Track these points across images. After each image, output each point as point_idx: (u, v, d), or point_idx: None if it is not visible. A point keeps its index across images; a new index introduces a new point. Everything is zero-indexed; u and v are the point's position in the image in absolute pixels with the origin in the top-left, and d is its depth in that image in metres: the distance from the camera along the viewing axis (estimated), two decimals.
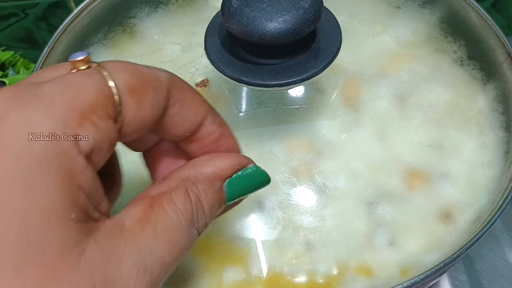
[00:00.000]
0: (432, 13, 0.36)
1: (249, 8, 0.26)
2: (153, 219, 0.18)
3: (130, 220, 0.17)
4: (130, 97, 0.17)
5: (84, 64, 0.17)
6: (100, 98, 0.16)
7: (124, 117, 0.17)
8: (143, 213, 0.18)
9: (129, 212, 0.18)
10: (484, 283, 0.41)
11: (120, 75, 0.17)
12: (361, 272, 0.27)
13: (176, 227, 0.18)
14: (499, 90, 0.32)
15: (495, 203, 0.28)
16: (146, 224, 0.17)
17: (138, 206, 0.18)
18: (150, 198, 0.18)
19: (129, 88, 0.17)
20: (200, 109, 0.20)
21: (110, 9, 0.37)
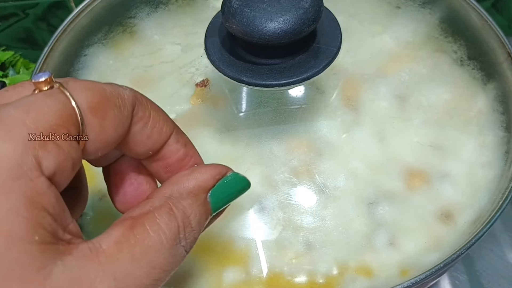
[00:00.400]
0: (432, 13, 0.36)
1: (249, 8, 0.26)
2: (132, 240, 0.17)
3: (108, 243, 0.17)
4: (92, 116, 0.17)
5: (47, 84, 0.17)
6: (62, 119, 0.16)
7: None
8: (122, 235, 0.17)
9: (108, 234, 0.17)
10: (484, 283, 0.41)
11: (81, 95, 0.17)
12: (361, 272, 0.27)
13: (156, 248, 0.18)
14: (499, 90, 0.32)
15: (495, 203, 0.28)
16: (124, 246, 0.17)
17: (118, 228, 0.18)
18: (132, 219, 0.18)
19: (90, 107, 0.17)
20: (164, 127, 0.20)
21: (110, 9, 0.37)
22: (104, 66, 0.35)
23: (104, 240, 0.17)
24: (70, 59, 0.35)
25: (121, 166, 0.22)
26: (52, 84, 0.17)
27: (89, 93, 0.17)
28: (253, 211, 0.28)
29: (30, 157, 0.15)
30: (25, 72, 0.55)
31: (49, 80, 0.17)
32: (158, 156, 0.21)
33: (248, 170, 0.29)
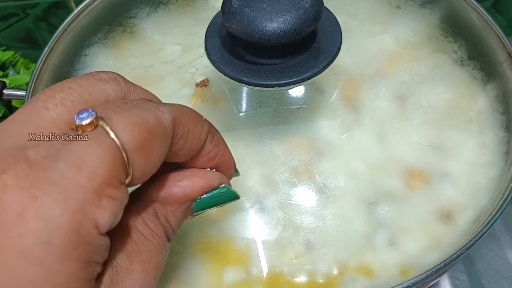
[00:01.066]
0: (432, 13, 0.36)
1: (249, 8, 0.26)
2: (137, 249, 0.18)
3: (120, 257, 0.18)
4: (139, 156, 0.17)
5: (91, 125, 0.16)
6: (114, 169, 0.16)
7: (134, 175, 0.17)
8: (129, 246, 0.18)
9: (116, 249, 0.18)
10: (484, 283, 0.41)
11: (126, 133, 0.16)
12: (361, 272, 0.27)
13: (157, 251, 0.19)
14: (500, 90, 0.32)
15: (495, 203, 0.28)
16: (134, 256, 0.18)
17: (120, 238, 0.18)
18: (126, 226, 0.19)
19: (137, 146, 0.16)
20: (201, 135, 0.20)
21: (110, 9, 0.37)
22: (104, 66, 0.35)
23: (116, 256, 0.18)
24: (70, 59, 0.35)
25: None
26: (96, 123, 0.16)
27: (134, 130, 0.16)
28: (253, 211, 0.28)
29: (88, 222, 0.15)
30: (25, 72, 0.55)
31: (94, 122, 0.16)
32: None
33: (248, 170, 0.29)
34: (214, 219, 0.28)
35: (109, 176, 0.16)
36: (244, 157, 0.29)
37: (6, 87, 0.36)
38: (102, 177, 0.15)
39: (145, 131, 0.17)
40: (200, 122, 0.20)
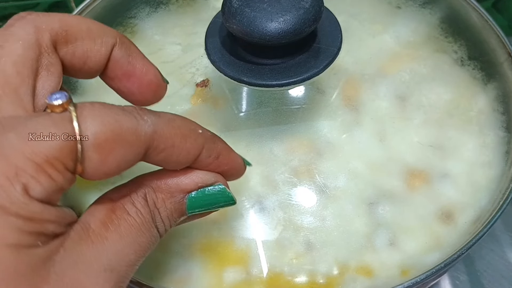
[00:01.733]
0: (432, 13, 0.36)
1: (250, 8, 0.26)
2: (116, 221, 0.18)
3: (95, 223, 0.18)
4: (95, 153, 0.17)
5: (60, 107, 0.17)
6: (62, 153, 0.16)
7: (85, 169, 0.17)
8: (106, 215, 0.18)
9: (93, 214, 0.19)
10: (484, 283, 0.41)
11: (92, 127, 0.17)
12: (362, 272, 0.27)
13: (138, 228, 0.19)
14: (500, 90, 0.32)
15: (495, 203, 0.28)
16: (110, 226, 0.18)
17: (100, 209, 0.19)
18: (111, 201, 0.19)
19: (96, 143, 0.17)
20: (191, 151, 0.20)
21: (111, 9, 0.37)
22: None
23: (91, 220, 0.18)
24: None
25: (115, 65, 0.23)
26: (66, 107, 0.17)
27: (100, 127, 0.17)
28: (253, 211, 0.28)
29: (19, 185, 0.15)
30: None
31: (64, 105, 0.17)
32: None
33: (248, 170, 0.29)
34: (214, 219, 0.28)
35: (54, 157, 0.16)
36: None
37: None
38: (46, 155, 0.16)
39: (112, 132, 0.17)
40: (192, 137, 0.20)
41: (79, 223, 0.18)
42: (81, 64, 0.22)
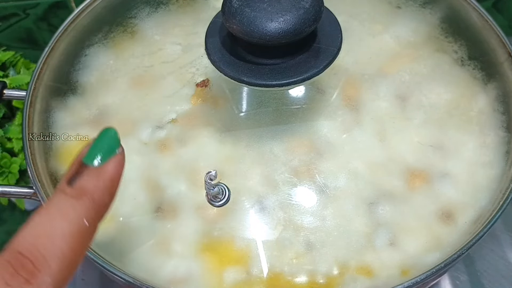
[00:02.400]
0: (432, 13, 0.36)
1: (250, 8, 0.26)
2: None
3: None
4: None
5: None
6: None
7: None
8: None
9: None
10: (485, 283, 0.41)
11: None
12: (362, 272, 0.27)
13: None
14: (500, 90, 0.32)
15: (495, 203, 0.28)
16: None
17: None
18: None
19: None
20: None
21: (111, 9, 0.37)
22: (104, 66, 0.35)
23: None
24: (70, 59, 0.35)
25: None
26: None
27: None
28: (253, 211, 0.28)
29: None
30: (26, 72, 0.55)
31: None
32: None
33: (248, 170, 0.29)
34: (214, 219, 0.28)
35: None
36: (244, 157, 0.29)
37: (7, 87, 0.36)
38: None
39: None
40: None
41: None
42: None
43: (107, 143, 0.20)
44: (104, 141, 0.20)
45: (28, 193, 0.32)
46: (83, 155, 0.19)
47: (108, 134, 0.20)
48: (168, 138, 0.31)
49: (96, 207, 0.19)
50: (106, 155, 0.20)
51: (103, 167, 0.19)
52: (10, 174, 0.54)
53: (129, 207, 0.29)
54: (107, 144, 0.20)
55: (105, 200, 0.19)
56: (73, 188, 0.18)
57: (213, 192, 0.27)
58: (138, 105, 0.33)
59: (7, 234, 0.67)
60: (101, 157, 0.19)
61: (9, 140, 0.54)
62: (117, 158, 0.20)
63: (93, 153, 0.19)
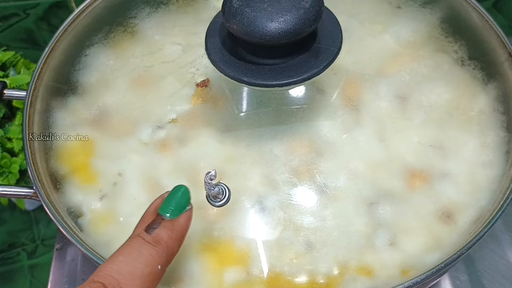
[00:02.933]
0: (433, 13, 0.36)
1: (250, 8, 0.26)
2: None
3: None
4: None
5: None
6: None
7: None
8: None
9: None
10: (485, 283, 0.41)
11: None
12: (362, 272, 0.27)
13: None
14: (500, 90, 0.32)
15: (496, 203, 0.28)
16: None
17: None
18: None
19: None
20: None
21: (111, 10, 0.37)
22: (104, 66, 0.35)
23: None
24: (71, 59, 0.35)
25: None
26: None
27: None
28: (253, 211, 0.28)
29: None
30: (26, 72, 0.55)
31: None
32: None
33: (248, 170, 0.29)
34: (214, 219, 0.28)
35: None
36: (244, 157, 0.29)
37: (7, 87, 0.36)
38: None
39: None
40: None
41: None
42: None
43: (181, 198, 0.23)
44: (178, 196, 0.23)
45: (29, 193, 0.32)
46: (157, 206, 0.23)
47: (181, 190, 0.23)
48: (168, 138, 0.31)
49: (168, 254, 0.22)
50: (179, 210, 0.23)
51: (177, 220, 0.23)
52: (11, 174, 0.54)
53: (129, 207, 0.29)
54: (180, 199, 0.23)
55: (175, 248, 0.23)
56: (151, 236, 0.22)
57: (213, 192, 0.27)
58: (138, 105, 0.33)
59: (8, 234, 0.67)
60: (175, 211, 0.23)
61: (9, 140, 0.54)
62: (188, 213, 0.23)
63: (168, 206, 0.23)
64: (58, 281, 0.43)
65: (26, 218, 0.68)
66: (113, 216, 0.29)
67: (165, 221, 0.22)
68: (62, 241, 0.45)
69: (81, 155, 0.32)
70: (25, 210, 0.66)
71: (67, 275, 0.43)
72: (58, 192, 0.30)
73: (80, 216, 0.30)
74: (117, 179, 0.30)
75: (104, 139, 0.32)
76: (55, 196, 0.30)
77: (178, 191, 0.23)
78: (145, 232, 0.22)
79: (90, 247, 0.28)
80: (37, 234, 0.68)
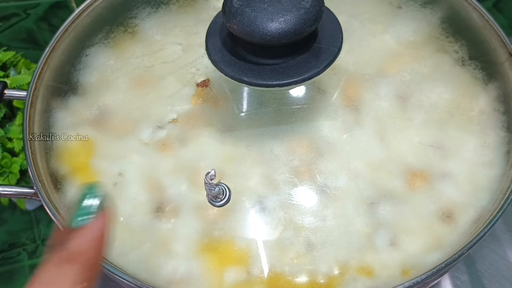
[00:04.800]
0: (433, 13, 0.36)
1: (250, 8, 0.26)
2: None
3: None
4: None
5: None
6: None
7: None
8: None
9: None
10: (485, 283, 0.41)
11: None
12: (362, 272, 0.27)
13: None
14: (501, 90, 0.32)
15: (496, 203, 0.28)
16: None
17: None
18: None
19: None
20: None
21: (111, 10, 0.37)
22: (105, 66, 0.35)
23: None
24: (71, 59, 0.35)
25: None
26: None
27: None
28: (254, 211, 0.28)
29: None
30: (27, 72, 0.55)
31: None
32: None
33: (249, 170, 0.29)
34: (215, 219, 0.28)
35: None
36: (245, 157, 0.29)
37: (7, 87, 0.36)
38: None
39: None
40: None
41: None
42: None
43: (83, 203, 0.21)
44: (80, 202, 0.20)
45: (29, 193, 0.32)
46: (65, 221, 0.20)
47: (85, 193, 0.21)
48: (168, 138, 0.31)
49: (89, 267, 0.19)
50: (85, 215, 0.20)
51: (85, 228, 0.20)
52: (11, 174, 0.54)
53: (130, 207, 0.29)
54: (83, 204, 0.20)
55: (96, 258, 0.20)
56: (63, 253, 0.19)
57: (213, 192, 0.27)
58: (138, 105, 0.33)
59: (8, 233, 0.67)
60: (80, 218, 0.20)
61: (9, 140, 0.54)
62: (98, 216, 0.21)
63: (73, 216, 0.20)
64: None
65: (27, 218, 0.68)
66: (113, 216, 0.29)
67: (73, 232, 0.20)
68: None
69: (82, 155, 0.32)
70: (25, 210, 0.66)
71: None
72: (58, 192, 0.30)
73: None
74: (118, 179, 0.30)
75: (105, 139, 0.32)
76: (55, 196, 0.30)
77: (82, 196, 0.21)
78: (56, 252, 0.19)
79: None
80: (37, 234, 0.68)
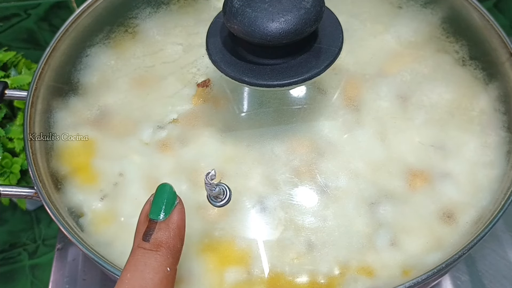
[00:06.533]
0: (434, 13, 0.36)
1: (251, 9, 0.26)
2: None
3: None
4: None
5: None
6: None
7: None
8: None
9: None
10: (486, 283, 0.41)
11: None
12: (363, 273, 0.27)
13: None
14: (501, 90, 0.32)
15: (497, 203, 0.28)
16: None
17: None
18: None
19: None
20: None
21: (112, 10, 0.37)
22: (105, 66, 0.35)
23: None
24: (72, 60, 0.35)
25: None
26: None
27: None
28: (254, 211, 0.28)
29: None
30: (27, 72, 0.55)
31: None
32: None
33: (249, 170, 0.29)
34: (215, 219, 0.28)
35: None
36: (245, 157, 0.29)
37: (8, 88, 0.36)
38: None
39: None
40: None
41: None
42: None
43: (167, 197, 0.23)
44: (163, 196, 0.23)
45: (30, 193, 0.32)
46: (147, 211, 0.23)
47: (164, 189, 0.23)
48: (169, 138, 0.31)
49: (172, 254, 0.22)
50: (169, 208, 0.23)
51: (170, 218, 0.23)
52: (12, 174, 0.54)
53: (130, 207, 0.29)
54: (166, 198, 0.23)
55: (178, 245, 0.23)
56: (150, 243, 0.22)
57: (214, 192, 0.27)
58: (139, 105, 0.33)
59: (9, 234, 0.67)
60: (166, 211, 0.23)
61: (10, 140, 0.54)
62: (178, 207, 0.23)
63: (157, 208, 0.23)
64: (59, 281, 0.43)
65: (27, 218, 0.68)
66: (114, 216, 0.29)
67: (159, 223, 0.22)
68: (63, 241, 0.45)
69: (82, 155, 0.32)
70: (26, 210, 0.66)
71: (68, 275, 0.43)
72: (59, 192, 0.30)
73: (81, 216, 0.30)
74: (118, 179, 0.30)
75: (105, 139, 0.32)
76: (56, 196, 0.30)
77: (162, 191, 0.23)
78: (143, 241, 0.22)
79: (91, 247, 0.28)
80: (38, 234, 0.68)
